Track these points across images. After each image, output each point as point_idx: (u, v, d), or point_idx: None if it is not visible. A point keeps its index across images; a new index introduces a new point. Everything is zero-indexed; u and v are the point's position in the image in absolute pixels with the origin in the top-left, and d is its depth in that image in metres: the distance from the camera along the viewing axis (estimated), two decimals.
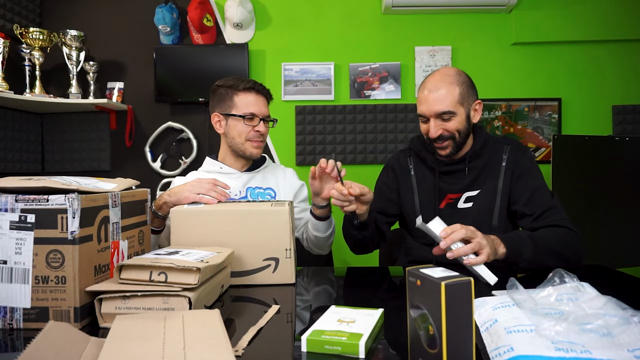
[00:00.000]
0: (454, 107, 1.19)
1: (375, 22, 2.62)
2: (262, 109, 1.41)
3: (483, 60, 2.62)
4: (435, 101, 1.19)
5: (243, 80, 1.42)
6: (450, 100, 1.19)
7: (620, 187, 2.32)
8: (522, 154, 1.26)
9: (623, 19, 2.53)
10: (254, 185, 1.45)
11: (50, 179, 0.73)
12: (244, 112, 1.39)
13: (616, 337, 0.53)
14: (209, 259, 0.80)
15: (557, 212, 1.17)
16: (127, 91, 2.63)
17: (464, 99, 1.21)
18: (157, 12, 2.47)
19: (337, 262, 1.66)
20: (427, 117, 1.21)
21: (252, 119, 1.39)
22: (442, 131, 1.20)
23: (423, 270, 0.55)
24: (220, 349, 0.53)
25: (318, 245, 1.40)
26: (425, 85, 1.23)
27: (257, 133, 1.40)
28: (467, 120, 1.22)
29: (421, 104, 1.22)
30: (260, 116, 1.40)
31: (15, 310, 0.72)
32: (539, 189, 1.21)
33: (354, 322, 0.67)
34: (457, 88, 1.20)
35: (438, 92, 1.19)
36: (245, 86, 1.40)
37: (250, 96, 1.40)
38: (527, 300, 0.64)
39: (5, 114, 2.33)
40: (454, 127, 1.20)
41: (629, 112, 2.61)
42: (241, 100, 1.40)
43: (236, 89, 1.41)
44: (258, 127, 1.39)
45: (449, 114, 1.19)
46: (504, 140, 1.31)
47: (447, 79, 1.21)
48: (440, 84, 1.20)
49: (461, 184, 1.27)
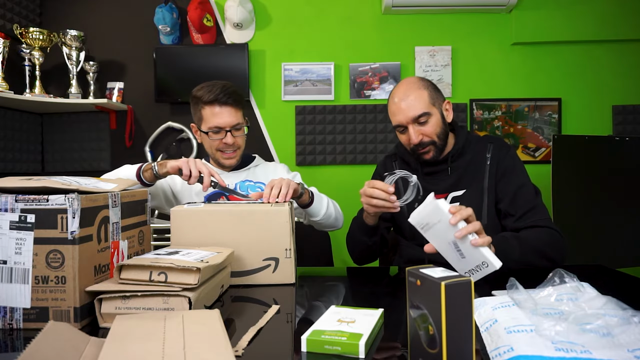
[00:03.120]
0: (427, 108, 1.22)
1: (375, 22, 2.62)
2: (226, 120, 1.37)
3: (483, 60, 2.62)
4: (408, 108, 1.21)
5: (210, 90, 1.37)
6: (422, 103, 1.22)
7: (620, 187, 2.32)
8: (505, 152, 1.27)
9: (623, 19, 2.54)
10: (243, 179, 1.47)
11: (50, 179, 0.73)
12: (209, 126, 1.38)
13: (616, 337, 0.53)
14: (209, 259, 0.80)
15: (539, 212, 1.19)
16: (127, 91, 2.63)
17: (434, 99, 1.24)
18: (157, 12, 2.47)
19: (337, 262, 1.66)
20: (405, 125, 1.23)
21: (218, 132, 1.38)
22: (422, 137, 1.22)
23: (423, 270, 0.55)
24: (220, 349, 0.53)
25: (324, 226, 1.44)
26: (394, 96, 1.25)
27: (225, 145, 1.39)
28: (442, 120, 1.25)
29: (395, 114, 1.24)
30: (227, 127, 1.37)
31: (15, 310, 0.72)
32: (522, 187, 1.22)
33: (354, 322, 0.67)
34: (424, 91, 1.23)
35: (409, 99, 1.22)
36: (209, 99, 1.36)
37: (214, 109, 1.37)
38: (527, 300, 0.64)
39: (5, 114, 2.33)
40: (431, 130, 1.22)
41: (629, 112, 2.61)
42: (207, 113, 1.38)
43: (202, 101, 1.38)
44: (225, 139, 1.38)
45: (425, 116, 1.21)
46: (487, 138, 1.32)
47: (413, 85, 1.24)
48: (409, 91, 1.23)
49: (445, 184, 1.28)
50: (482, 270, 0.91)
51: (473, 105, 2.63)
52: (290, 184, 1.13)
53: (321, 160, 2.60)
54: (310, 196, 1.33)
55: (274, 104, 2.64)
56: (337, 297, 0.98)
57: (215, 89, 1.36)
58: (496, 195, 1.25)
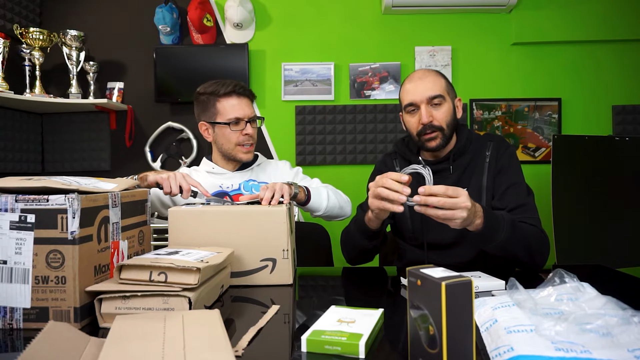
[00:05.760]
0: (443, 92, 1.22)
1: (375, 22, 2.62)
2: (246, 111, 1.39)
3: (483, 60, 2.62)
4: (425, 87, 1.21)
5: (223, 84, 1.38)
6: (439, 86, 1.22)
7: (620, 187, 2.32)
8: (503, 149, 1.26)
9: (623, 19, 2.54)
10: (247, 178, 1.47)
11: (50, 179, 0.73)
12: (228, 118, 1.37)
13: (616, 337, 0.53)
14: (209, 259, 0.80)
15: (529, 211, 1.17)
16: (127, 91, 2.63)
17: (449, 90, 1.26)
18: (157, 12, 2.47)
19: (337, 262, 1.66)
20: (418, 104, 1.21)
21: (237, 123, 1.37)
22: (432, 120, 1.21)
23: (423, 270, 0.55)
24: (220, 349, 0.53)
25: (332, 217, 1.45)
26: (411, 77, 1.26)
27: (246, 137, 1.39)
28: (453, 112, 1.25)
29: (409, 92, 1.23)
30: (246, 119, 1.38)
31: (15, 310, 0.72)
32: (515, 185, 1.21)
33: (354, 322, 0.67)
34: (442, 79, 1.25)
35: (427, 79, 1.22)
36: (226, 91, 1.37)
37: (232, 100, 1.38)
38: (527, 300, 0.64)
39: (5, 114, 2.33)
40: (443, 117, 1.21)
41: (629, 112, 2.61)
42: (224, 106, 1.38)
43: (217, 95, 1.38)
44: (246, 130, 1.38)
45: (439, 98, 1.21)
46: (487, 136, 1.31)
47: (432, 71, 1.26)
48: (427, 74, 1.24)
49: (446, 183, 1.26)
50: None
51: (473, 105, 2.63)
52: (283, 188, 1.13)
53: (321, 160, 2.60)
54: (307, 194, 1.32)
55: (274, 104, 2.64)
56: (337, 297, 0.98)
57: (229, 82, 1.38)
58: (493, 193, 1.24)
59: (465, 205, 0.93)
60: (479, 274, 0.95)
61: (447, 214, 0.93)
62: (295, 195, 1.26)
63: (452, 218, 0.93)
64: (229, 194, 1.39)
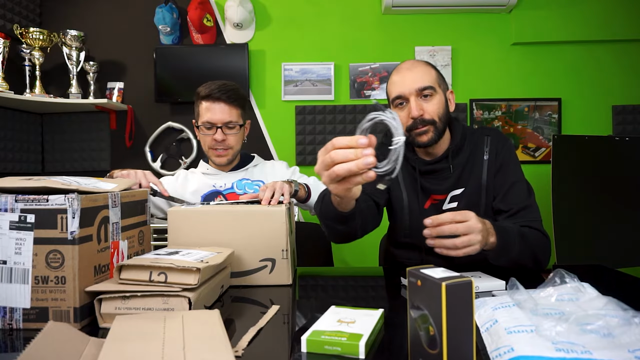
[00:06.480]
0: (434, 84, 1.15)
1: (375, 22, 2.62)
2: (218, 116, 1.36)
3: (483, 60, 2.62)
4: (414, 79, 1.13)
5: (208, 86, 1.37)
6: (429, 77, 1.15)
7: (620, 187, 2.32)
8: (502, 144, 1.21)
9: (623, 19, 2.54)
10: (240, 178, 1.46)
11: (50, 179, 0.73)
12: (201, 121, 1.38)
13: (617, 337, 0.53)
14: (208, 259, 0.80)
15: (532, 213, 1.14)
16: (127, 91, 2.63)
17: (440, 81, 1.18)
18: (157, 12, 2.47)
19: (337, 262, 1.66)
20: (407, 97, 1.14)
21: (209, 127, 1.37)
22: (423, 113, 1.14)
23: (424, 271, 0.55)
24: (220, 349, 0.53)
25: None
26: (399, 69, 1.19)
27: (215, 142, 1.37)
28: (445, 105, 1.18)
29: (397, 84, 1.16)
30: (218, 124, 1.36)
31: (14, 310, 0.72)
32: (516, 184, 1.17)
33: (354, 323, 0.67)
34: (432, 70, 1.18)
35: (416, 70, 1.15)
36: (204, 93, 1.36)
37: (207, 103, 1.37)
38: (527, 300, 0.64)
39: (5, 114, 2.33)
40: (434, 109, 1.14)
41: (629, 112, 2.61)
42: (201, 108, 1.38)
43: (198, 96, 1.38)
44: (215, 135, 1.36)
45: (430, 90, 1.13)
46: (483, 130, 1.25)
47: (421, 62, 1.19)
48: (416, 64, 1.17)
49: (447, 184, 1.22)
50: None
51: (473, 105, 2.63)
52: (283, 187, 1.12)
53: None
54: (307, 191, 1.31)
55: (274, 104, 2.64)
56: (337, 297, 0.97)
57: (213, 85, 1.36)
58: (494, 191, 1.21)
59: (477, 227, 0.89)
60: (479, 274, 0.95)
61: (464, 240, 0.88)
62: (296, 192, 1.25)
63: (470, 243, 0.88)
64: (222, 193, 1.39)
